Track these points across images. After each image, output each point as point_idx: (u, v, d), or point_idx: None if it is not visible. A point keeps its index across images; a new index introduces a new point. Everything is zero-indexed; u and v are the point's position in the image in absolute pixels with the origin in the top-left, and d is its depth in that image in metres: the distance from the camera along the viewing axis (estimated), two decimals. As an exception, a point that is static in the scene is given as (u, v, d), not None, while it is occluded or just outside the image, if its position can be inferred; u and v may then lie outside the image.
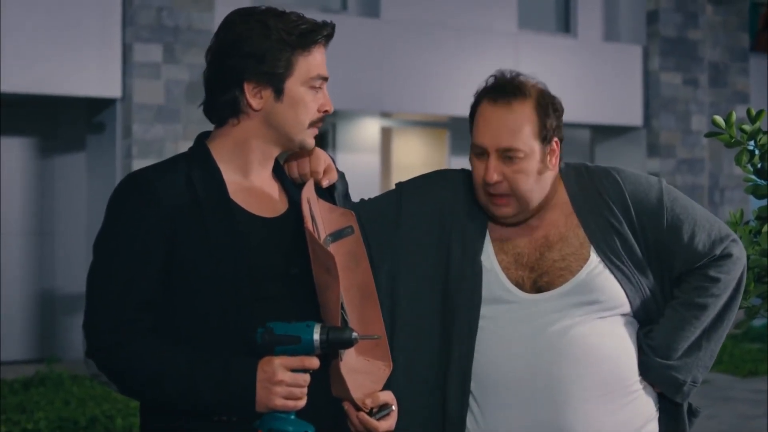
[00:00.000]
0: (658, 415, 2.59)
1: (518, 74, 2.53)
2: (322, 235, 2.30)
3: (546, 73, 2.67)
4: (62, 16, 9.38)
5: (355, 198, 2.62)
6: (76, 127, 10.51)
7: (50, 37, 9.32)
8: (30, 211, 10.66)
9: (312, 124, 2.32)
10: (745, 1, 13.88)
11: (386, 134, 12.78)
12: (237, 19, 2.30)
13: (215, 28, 2.37)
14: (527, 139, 2.47)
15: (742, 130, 3.00)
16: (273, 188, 2.37)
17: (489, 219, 2.58)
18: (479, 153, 2.51)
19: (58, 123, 10.73)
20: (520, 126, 2.47)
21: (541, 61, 11.97)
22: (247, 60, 2.25)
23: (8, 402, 8.11)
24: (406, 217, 2.60)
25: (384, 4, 11.53)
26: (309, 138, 2.33)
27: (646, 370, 2.54)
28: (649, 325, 2.56)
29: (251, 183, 2.33)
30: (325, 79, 2.33)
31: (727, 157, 13.38)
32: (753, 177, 3.07)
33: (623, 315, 2.53)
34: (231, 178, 2.30)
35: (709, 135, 3.05)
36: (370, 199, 2.67)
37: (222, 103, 2.30)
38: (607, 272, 2.51)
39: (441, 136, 13.21)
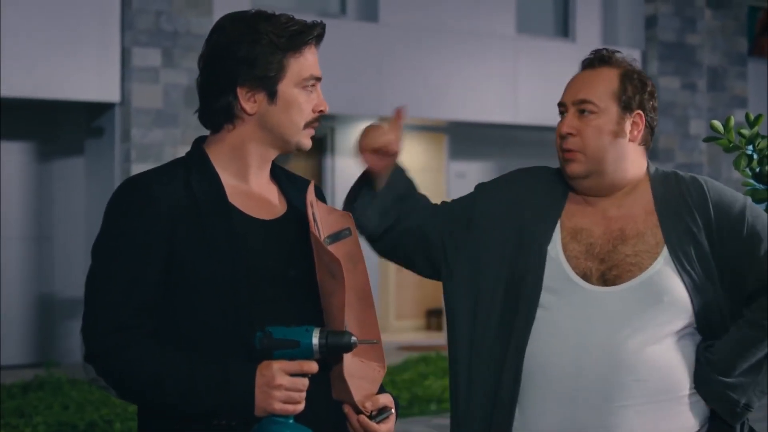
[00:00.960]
0: None
1: (616, 52, 2.60)
2: (321, 237, 2.29)
3: (544, 78, 2.70)
4: (61, 20, 9.38)
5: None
6: (75, 132, 10.51)
7: (49, 41, 9.32)
8: (29, 215, 10.66)
9: (307, 125, 2.31)
10: (743, 6, 13.89)
11: (385, 138, 12.76)
12: (227, 24, 2.30)
13: (214, 32, 2.36)
14: (602, 96, 2.54)
15: (741, 135, 3.01)
16: (271, 191, 2.36)
17: (566, 204, 2.59)
18: (561, 112, 2.58)
19: (57, 127, 10.73)
20: (598, 83, 2.55)
21: (540, 66, 11.97)
22: (238, 65, 2.25)
23: (7, 406, 8.10)
24: (480, 216, 2.64)
25: (382, 9, 11.53)
26: (305, 139, 2.33)
27: (701, 385, 2.51)
28: (711, 340, 2.51)
29: (249, 186, 2.32)
30: (318, 79, 2.31)
31: (725, 161, 13.37)
32: (751, 181, 3.07)
33: (684, 327, 2.50)
34: (229, 181, 2.30)
35: (707, 139, 3.05)
36: (450, 201, 2.72)
37: (216, 109, 2.29)
38: (675, 276, 2.49)
39: (439, 140, 13.21)
